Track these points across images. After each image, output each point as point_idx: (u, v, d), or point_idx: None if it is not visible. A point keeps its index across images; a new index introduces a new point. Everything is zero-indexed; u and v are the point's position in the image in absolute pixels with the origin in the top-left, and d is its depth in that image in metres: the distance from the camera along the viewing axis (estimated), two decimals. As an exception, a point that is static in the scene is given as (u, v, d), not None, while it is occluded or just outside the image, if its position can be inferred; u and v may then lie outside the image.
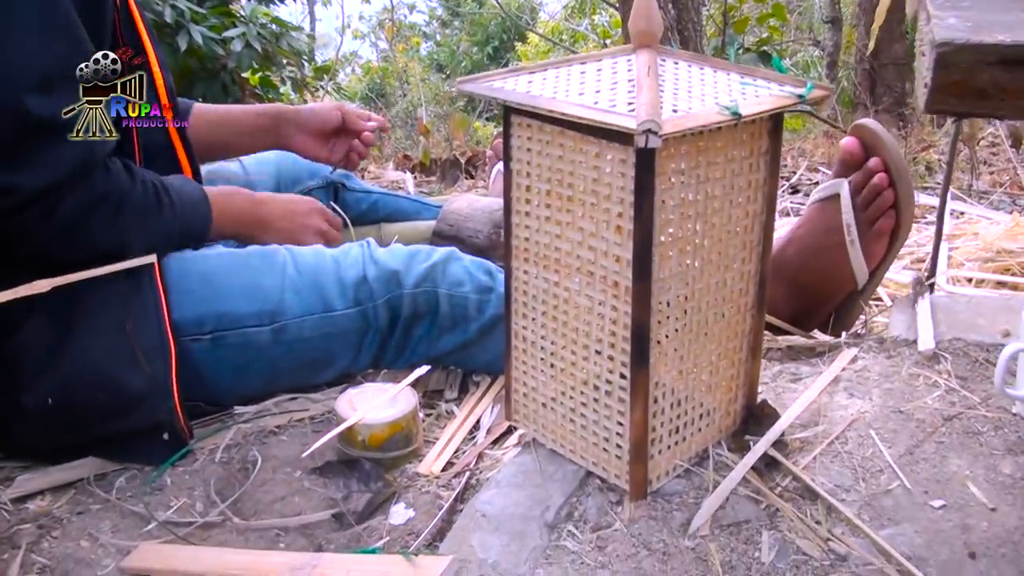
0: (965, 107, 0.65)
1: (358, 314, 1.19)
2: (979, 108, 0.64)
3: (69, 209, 1.00)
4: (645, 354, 0.81)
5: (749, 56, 5.59)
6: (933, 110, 0.68)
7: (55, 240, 1.02)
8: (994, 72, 0.59)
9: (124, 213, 1.06)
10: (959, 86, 0.62)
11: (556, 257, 0.87)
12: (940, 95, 0.63)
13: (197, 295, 1.13)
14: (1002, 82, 0.59)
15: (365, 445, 1.06)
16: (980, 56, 0.59)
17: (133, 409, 1.06)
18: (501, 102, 0.82)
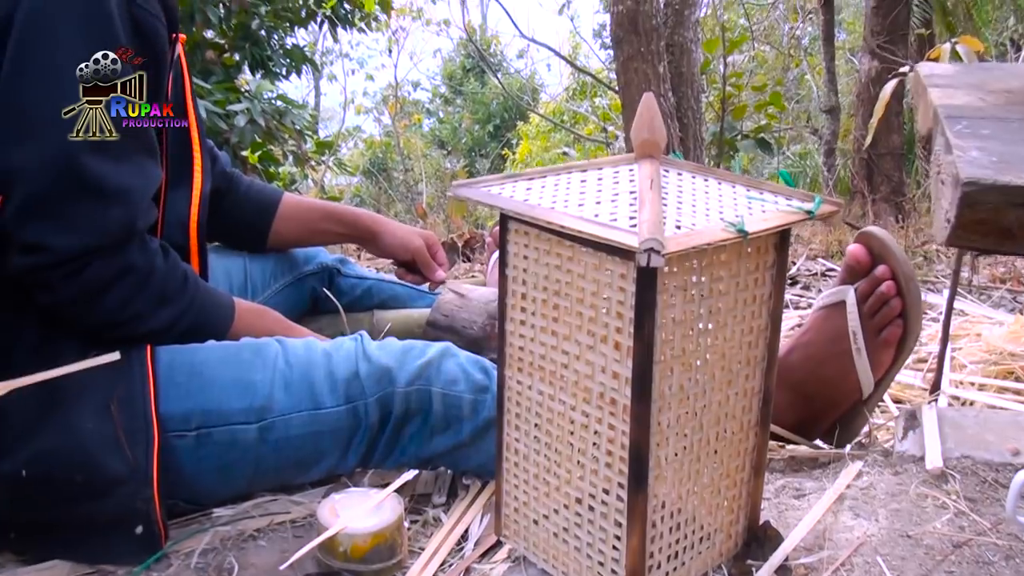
0: (989, 245, 0.63)
1: (348, 412, 1.14)
2: (1003, 247, 0.61)
3: (97, 275, 1.00)
4: (643, 476, 0.77)
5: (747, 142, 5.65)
6: (955, 244, 0.65)
7: (75, 300, 1.01)
8: (1020, 213, 0.57)
9: (148, 289, 1.05)
10: (984, 225, 0.59)
11: (551, 369, 0.83)
12: (963, 232, 0.61)
13: (184, 388, 1.08)
14: None
15: (347, 556, 1.00)
16: (1008, 197, 0.57)
17: (109, 493, 1.01)
18: (498, 209, 0.79)
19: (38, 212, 0.96)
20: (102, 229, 0.99)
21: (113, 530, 1.02)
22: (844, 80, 8.73)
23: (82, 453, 0.99)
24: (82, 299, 1.01)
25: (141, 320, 1.05)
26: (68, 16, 0.95)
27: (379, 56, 11.90)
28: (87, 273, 0.99)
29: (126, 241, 1.01)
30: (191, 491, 1.09)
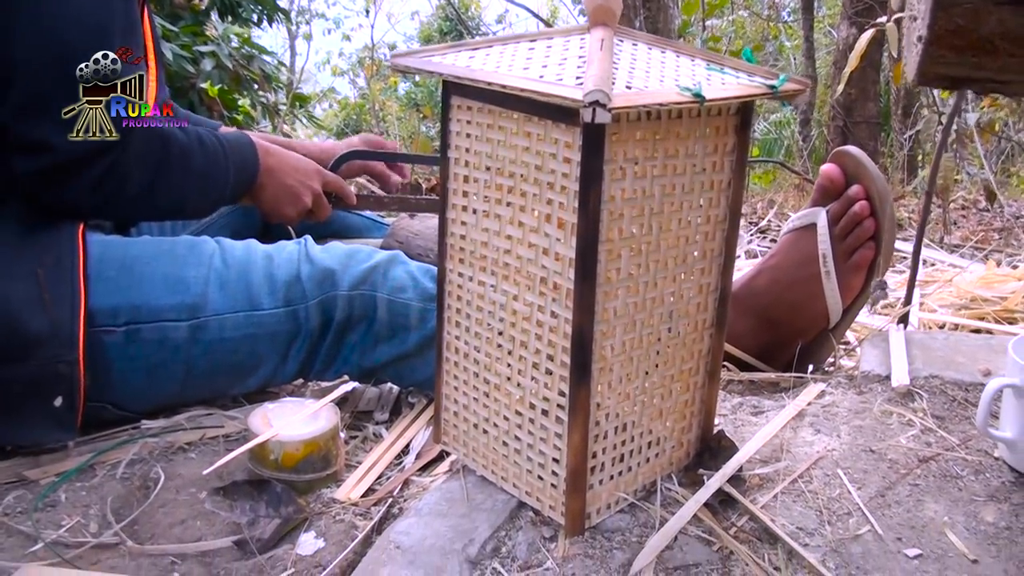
0: (965, 68, 0.56)
1: (287, 315, 1.09)
2: (981, 70, 0.55)
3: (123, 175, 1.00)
4: (587, 368, 0.72)
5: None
6: (926, 74, 0.59)
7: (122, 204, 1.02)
8: (1003, 15, 0.50)
9: (173, 161, 1.05)
10: (961, 35, 0.53)
11: (493, 257, 0.77)
12: (937, 49, 0.54)
13: (114, 283, 1.02)
14: (1013, 29, 0.50)
15: (278, 465, 0.95)
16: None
17: (30, 355, 0.96)
18: (437, 76, 0.72)
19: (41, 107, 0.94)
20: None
21: (29, 399, 0.97)
22: (822, 53, 8.68)
23: (2, 312, 0.94)
24: (94, 199, 1.00)
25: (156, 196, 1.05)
26: None
27: (356, 17, 11.73)
28: (92, 173, 0.98)
29: (128, 139, 0.99)
30: (119, 394, 1.03)
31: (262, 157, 1.20)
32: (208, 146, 1.09)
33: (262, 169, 1.19)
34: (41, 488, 0.97)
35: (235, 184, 1.15)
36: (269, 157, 1.21)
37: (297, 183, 1.24)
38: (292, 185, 1.24)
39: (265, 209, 1.24)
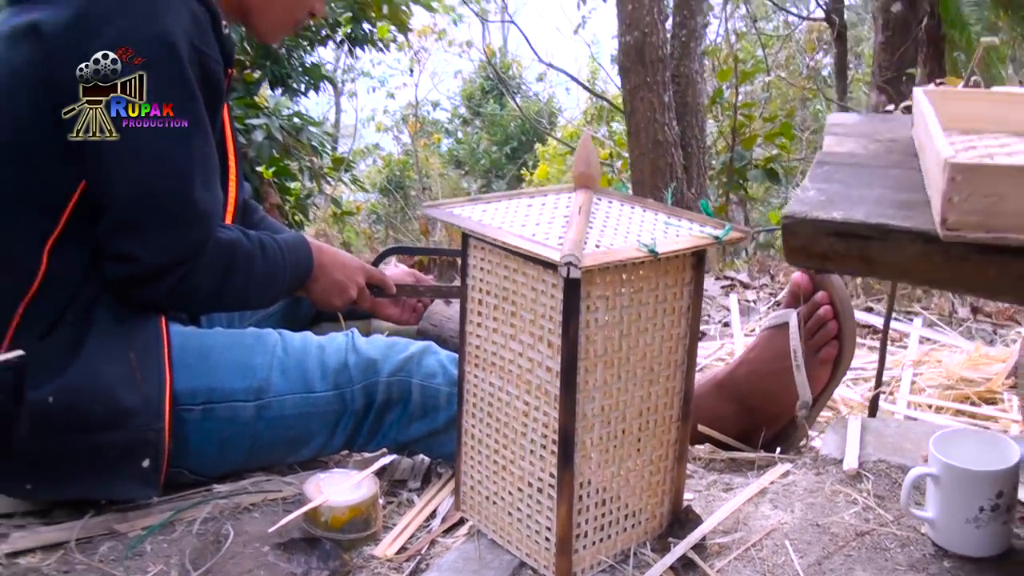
0: (815, 264, 0.77)
1: (336, 397, 1.29)
2: (828, 266, 0.75)
3: (195, 283, 1.22)
4: (570, 456, 0.92)
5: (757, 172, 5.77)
6: (793, 263, 0.79)
7: (164, 300, 1.23)
8: (832, 241, 0.71)
9: (238, 268, 1.25)
10: (805, 251, 0.74)
11: (501, 364, 0.98)
12: (792, 254, 0.75)
13: (194, 369, 1.24)
14: (839, 249, 0.71)
15: (327, 526, 1.15)
16: (817, 228, 0.71)
17: (123, 424, 1.17)
18: (458, 228, 0.94)
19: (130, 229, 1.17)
20: (187, 243, 1.20)
21: (122, 461, 1.18)
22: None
23: (103, 388, 1.15)
24: (170, 300, 1.22)
25: (220, 301, 1.29)
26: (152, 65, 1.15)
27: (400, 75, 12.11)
28: (186, 284, 1.20)
29: (201, 254, 1.21)
30: (196, 461, 1.24)
31: (316, 256, 1.41)
32: (269, 250, 1.31)
33: (315, 267, 1.41)
34: (129, 540, 1.18)
35: (291, 281, 1.37)
36: (322, 255, 1.43)
37: (345, 278, 1.46)
38: (340, 280, 1.45)
39: (315, 300, 1.46)
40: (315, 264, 1.41)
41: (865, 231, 0.69)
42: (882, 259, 0.69)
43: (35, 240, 1.17)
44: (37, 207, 1.17)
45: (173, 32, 1.16)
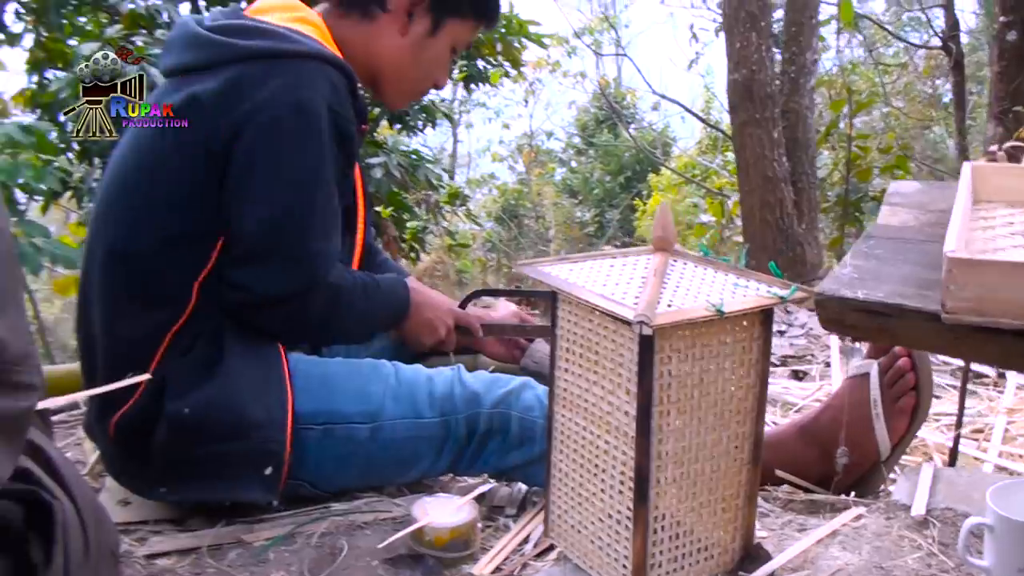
0: (847, 333, 0.86)
1: (441, 424, 1.43)
2: (856, 335, 0.84)
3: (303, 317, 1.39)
4: (645, 493, 1.02)
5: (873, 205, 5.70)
6: (828, 331, 0.88)
7: (302, 334, 1.43)
8: (857, 315, 0.80)
9: (342, 306, 1.41)
10: (836, 322, 0.83)
11: (585, 406, 1.09)
12: (826, 324, 0.84)
13: (316, 393, 1.39)
14: (864, 322, 0.80)
15: (431, 544, 1.28)
16: (845, 305, 0.81)
17: (250, 435, 1.33)
18: (546, 286, 1.06)
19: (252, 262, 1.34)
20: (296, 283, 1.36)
21: (247, 468, 1.34)
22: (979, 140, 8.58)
23: (233, 403, 1.32)
24: (280, 328, 1.40)
25: (348, 331, 1.48)
26: (290, 127, 1.32)
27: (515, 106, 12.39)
28: (280, 311, 1.37)
29: (310, 292, 1.37)
30: (315, 476, 1.39)
31: (413, 297, 1.56)
32: (371, 292, 1.46)
33: (411, 308, 1.55)
34: (255, 548, 1.34)
35: (388, 320, 1.53)
36: (417, 295, 1.57)
37: (435, 318, 1.60)
38: (431, 319, 1.59)
39: (406, 337, 1.60)
40: (411, 306, 1.55)
41: (884, 309, 0.78)
42: (900, 333, 0.78)
43: (189, 277, 1.35)
44: (193, 249, 1.35)
45: (312, 99, 1.33)
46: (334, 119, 1.36)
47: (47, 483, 0.99)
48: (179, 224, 1.36)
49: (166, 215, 1.36)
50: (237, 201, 1.33)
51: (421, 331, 1.58)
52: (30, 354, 0.91)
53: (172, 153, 1.36)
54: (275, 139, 1.33)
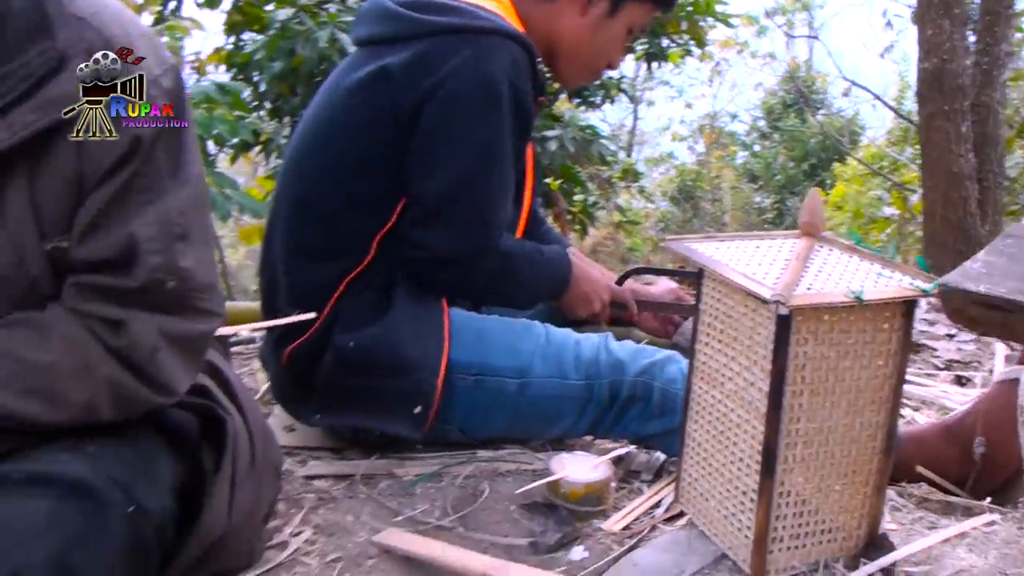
0: (969, 326, 0.86)
1: (585, 387, 1.50)
2: (978, 329, 0.84)
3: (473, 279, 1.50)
4: (772, 467, 1.06)
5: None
6: (953, 322, 0.88)
7: (470, 293, 1.55)
8: (979, 309, 0.80)
9: (509, 272, 1.51)
10: (959, 313, 0.83)
11: (721, 380, 1.14)
12: (951, 315, 0.85)
13: (470, 346, 1.50)
14: (985, 316, 0.80)
15: (565, 497, 1.36)
16: (968, 297, 0.81)
17: (407, 373, 1.44)
18: (693, 263, 1.11)
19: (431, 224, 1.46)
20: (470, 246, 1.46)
21: (399, 404, 1.46)
22: None
23: (394, 343, 1.44)
24: (450, 288, 1.51)
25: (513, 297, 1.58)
26: (472, 100, 1.42)
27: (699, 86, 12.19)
28: (453, 272, 1.48)
29: (482, 257, 1.47)
30: (464, 422, 1.50)
31: (573, 271, 1.63)
32: (535, 262, 1.55)
33: (571, 282, 1.63)
34: (404, 482, 1.46)
35: (549, 291, 1.62)
36: (577, 269, 1.65)
37: (592, 292, 1.67)
38: (587, 293, 1.66)
39: (562, 306, 1.68)
40: (571, 279, 1.63)
41: (1005, 304, 0.79)
42: (1018, 328, 0.79)
43: (368, 234, 1.48)
44: (375, 210, 1.48)
45: (494, 74, 1.42)
46: (514, 93, 1.45)
47: (222, 400, 1.14)
48: (364, 184, 1.48)
49: (352, 175, 1.49)
50: (420, 168, 1.45)
51: (577, 303, 1.66)
52: (213, 285, 1.05)
53: (361, 117, 1.48)
54: (458, 111, 1.43)
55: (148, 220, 0.95)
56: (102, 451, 0.95)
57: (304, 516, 1.36)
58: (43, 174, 0.93)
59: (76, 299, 0.95)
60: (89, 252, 0.94)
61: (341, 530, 1.32)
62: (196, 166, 1.02)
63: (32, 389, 0.91)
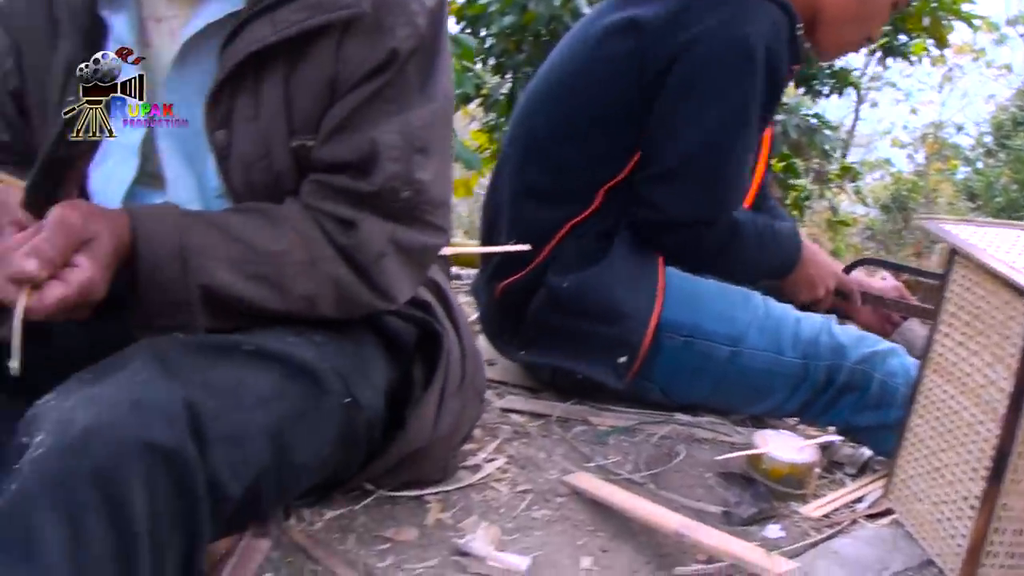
0: None
1: (801, 366, 1.46)
2: None
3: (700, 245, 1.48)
4: (1001, 475, 1.00)
5: None
6: None
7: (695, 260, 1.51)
8: None
9: (737, 244, 1.48)
10: None
11: (958, 376, 1.08)
12: None
13: (683, 306, 1.48)
14: None
15: (765, 473, 1.33)
16: None
17: (616, 321, 1.44)
18: (947, 243, 1.05)
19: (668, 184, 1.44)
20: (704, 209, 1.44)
21: (604, 351, 1.46)
22: None
23: (607, 290, 1.44)
24: (675, 251, 1.49)
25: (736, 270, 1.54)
26: (726, 61, 1.39)
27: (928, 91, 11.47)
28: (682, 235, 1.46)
29: (714, 222, 1.45)
30: (667, 382, 1.49)
31: (803, 252, 1.58)
32: (766, 238, 1.51)
33: (799, 263, 1.58)
34: (599, 431, 1.48)
35: (776, 270, 1.58)
36: (806, 251, 1.60)
37: (817, 276, 1.61)
38: (812, 277, 1.61)
39: (784, 288, 1.63)
40: (799, 261, 1.58)
41: None
42: None
43: (597, 184, 1.49)
44: (607, 161, 1.49)
45: (751, 36, 1.39)
46: (768, 58, 1.41)
47: (441, 317, 1.18)
48: (600, 135, 1.49)
49: (589, 125, 1.50)
50: (664, 126, 1.44)
51: (802, 286, 1.61)
52: (446, 203, 1.08)
53: (605, 68, 1.48)
54: (710, 71, 1.41)
55: (391, 129, 0.99)
56: (327, 342, 1.00)
57: (498, 445, 1.39)
58: (300, 73, 0.97)
59: (313, 196, 1.00)
60: (331, 153, 0.99)
61: (533, 465, 1.36)
62: (446, 87, 1.06)
63: (261, 275, 0.95)
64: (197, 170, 1.03)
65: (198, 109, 0.98)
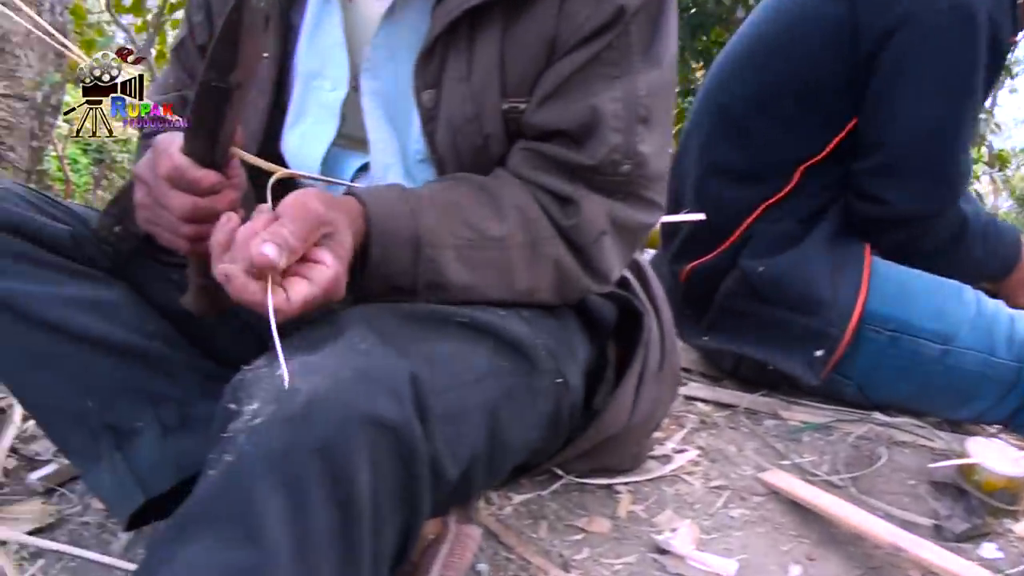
0: None
1: (1014, 370, 1.33)
2: None
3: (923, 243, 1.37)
4: None
5: None
6: None
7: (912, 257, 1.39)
8: None
9: (962, 241, 1.37)
10: None
11: None
12: None
13: (891, 298, 1.36)
14: None
15: (978, 485, 1.21)
16: None
17: (814, 312, 1.34)
18: None
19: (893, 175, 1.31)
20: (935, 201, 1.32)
21: (798, 342, 1.36)
22: None
23: (805, 277, 1.34)
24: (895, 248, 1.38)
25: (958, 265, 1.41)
26: (947, 32, 1.27)
27: (1081, 79, 10.73)
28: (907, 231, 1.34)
29: (942, 214, 1.33)
30: (866, 380, 1.38)
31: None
32: (990, 235, 1.38)
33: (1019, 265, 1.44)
34: (790, 426, 1.38)
35: (993, 269, 1.44)
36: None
37: None
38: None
39: (1000, 290, 1.48)
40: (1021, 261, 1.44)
41: None
42: None
43: (794, 162, 1.38)
44: (807, 137, 1.37)
45: (973, 3, 1.26)
46: (992, 27, 1.28)
47: (641, 296, 1.10)
48: (800, 107, 1.37)
49: (789, 96, 1.38)
50: (881, 109, 1.31)
51: (1019, 290, 1.47)
52: (664, 176, 0.97)
53: (811, 36, 1.36)
54: (930, 45, 1.28)
55: (614, 96, 0.89)
56: (535, 317, 0.92)
57: (686, 435, 1.32)
58: (517, 31, 0.89)
59: (525, 166, 0.91)
60: (546, 119, 0.90)
61: (724, 459, 1.27)
62: (670, 51, 0.95)
63: (487, 262, 0.88)
64: (400, 132, 0.96)
65: (406, 67, 0.91)
